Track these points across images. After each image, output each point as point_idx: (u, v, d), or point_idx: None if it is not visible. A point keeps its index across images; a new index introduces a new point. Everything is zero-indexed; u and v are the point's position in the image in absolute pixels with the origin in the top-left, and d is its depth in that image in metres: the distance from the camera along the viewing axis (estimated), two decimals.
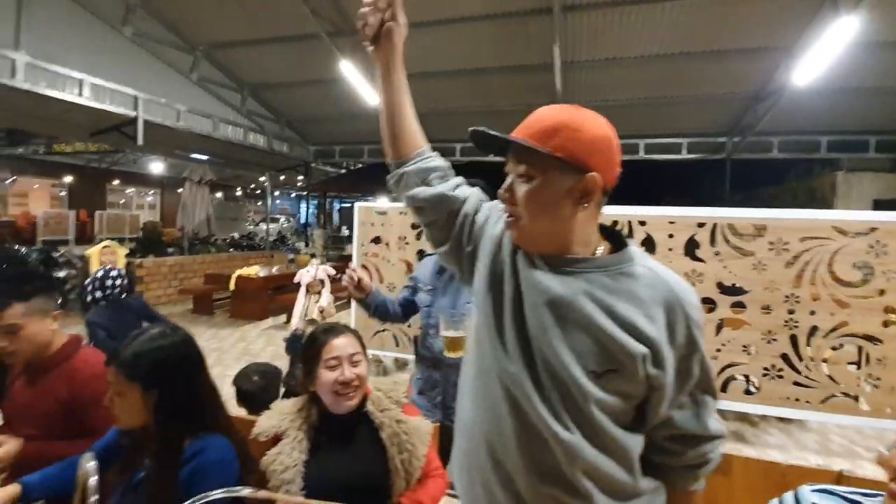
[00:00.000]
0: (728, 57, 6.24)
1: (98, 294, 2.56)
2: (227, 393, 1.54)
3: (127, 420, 1.12)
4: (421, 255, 3.20)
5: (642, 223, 2.86)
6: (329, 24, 6.36)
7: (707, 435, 0.82)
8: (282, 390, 2.47)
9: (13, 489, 1.14)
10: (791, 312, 2.70)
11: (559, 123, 0.74)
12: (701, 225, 2.79)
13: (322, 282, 3.97)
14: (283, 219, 21.33)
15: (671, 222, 2.84)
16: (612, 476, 0.76)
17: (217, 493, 0.74)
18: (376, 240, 3.60)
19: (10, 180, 15.23)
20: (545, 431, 0.75)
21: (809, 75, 5.43)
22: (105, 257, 4.62)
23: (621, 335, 0.73)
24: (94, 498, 0.73)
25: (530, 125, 0.77)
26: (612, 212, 2.86)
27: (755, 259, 2.73)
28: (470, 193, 0.94)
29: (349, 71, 6.37)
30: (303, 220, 23.01)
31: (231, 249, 10.70)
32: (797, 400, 2.71)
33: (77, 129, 7.17)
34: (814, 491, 0.93)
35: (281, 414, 1.28)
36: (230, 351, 5.39)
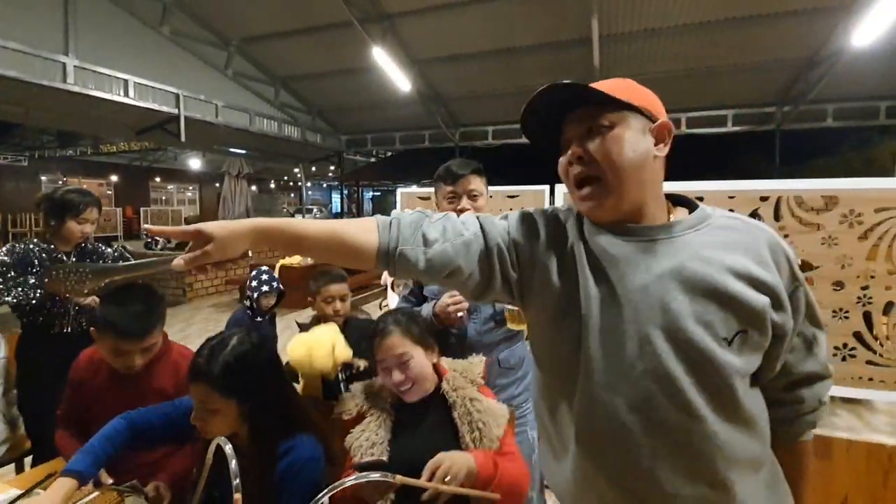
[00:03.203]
0: (778, 20, 5.87)
1: None
2: None
3: (220, 433, 1.07)
4: None
5: (700, 199, 2.72)
6: (358, 10, 6.33)
7: (824, 372, 0.77)
8: None
9: (70, 484, 1.05)
10: (865, 288, 2.55)
11: (622, 84, 0.77)
12: (764, 199, 2.65)
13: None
14: (315, 209, 21.69)
15: (731, 197, 2.69)
16: (752, 453, 0.70)
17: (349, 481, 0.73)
18: None
19: (61, 181, 16.03)
20: (688, 424, 0.67)
21: (871, 35, 5.04)
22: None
23: (744, 289, 0.68)
24: (236, 481, 0.73)
25: (596, 87, 0.74)
26: (666, 188, 2.73)
27: (825, 233, 2.58)
28: (483, 223, 0.80)
29: (380, 57, 6.34)
30: (336, 210, 23.36)
31: None
32: (870, 380, 2.57)
33: (124, 129, 7.45)
34: None
35: (363, 393, 1.30)
36: (279, 338, 5.53)
